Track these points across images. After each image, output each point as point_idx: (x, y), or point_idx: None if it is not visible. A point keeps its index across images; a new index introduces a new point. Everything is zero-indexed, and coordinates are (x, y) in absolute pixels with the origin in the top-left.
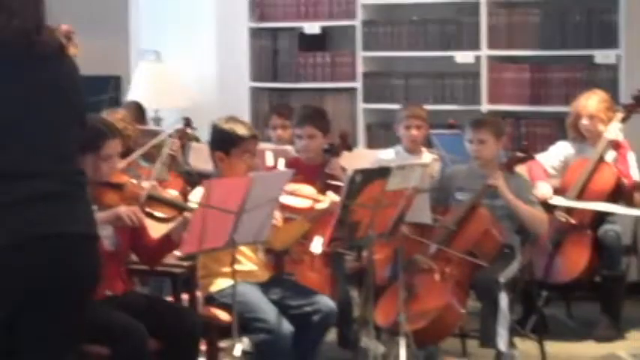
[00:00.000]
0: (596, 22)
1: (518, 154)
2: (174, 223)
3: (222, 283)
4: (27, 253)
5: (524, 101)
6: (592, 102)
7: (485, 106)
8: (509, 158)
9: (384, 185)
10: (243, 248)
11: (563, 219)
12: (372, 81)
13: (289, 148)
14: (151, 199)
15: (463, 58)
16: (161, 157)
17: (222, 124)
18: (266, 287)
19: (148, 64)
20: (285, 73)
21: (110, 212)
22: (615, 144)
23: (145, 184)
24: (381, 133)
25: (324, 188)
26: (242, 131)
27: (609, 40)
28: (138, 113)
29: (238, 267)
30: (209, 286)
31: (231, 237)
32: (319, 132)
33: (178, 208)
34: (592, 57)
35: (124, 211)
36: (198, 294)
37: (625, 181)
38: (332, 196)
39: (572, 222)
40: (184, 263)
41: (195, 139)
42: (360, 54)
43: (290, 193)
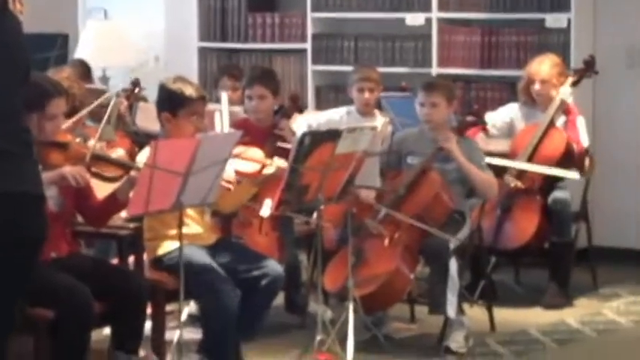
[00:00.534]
0: None
1: (469, 117)
2: (120, 182)
3: (168, 246)
4: None
5: (474, 65)
6: (545, 66)
7: (435, 69)
8: (460, 122)
9: (333, 148)
10: (189, 211)
11: (512, 184)
12: (321, 42)
13: (238, 109)
14: (96, 158)
15: (413, 20)
16: (107, 116)
17: (169, 84)
18: (213, 251)
19: (95, 22)
20: (234, 33)
21: (55, 172)
22: (565, 109)
23: (91, 143)
24: (331, 95)
25: (273, 150)
26: (190, 92)
27: (560, 3)
28: (84, 72)
29: (185, 230)
30: (156, 248)
31: (178, 199)
32: (269, 92)
33: (124, 167)
34: (543, 20)
35: (69, 171)
36: (145, 257)
37: (575, 146)
38: (279, 161)
39: (522, 187)
40: (130, 225)
41: (143, 99)
42: (309, 15)
43: (237, 156)
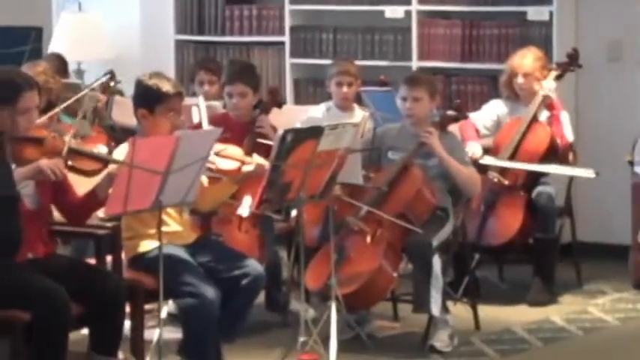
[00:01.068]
0: None
1: (452, 112)
2: (99, 177)
3: (147, 245)
4: None
5: (455, 58)
6: (527, 60)
7: (415, 63)
8: (442, 117)
9: (315, 145)
10: (168, 209)
11: (496, 180)
12: (299, 35)
13: (216, 104)
14: (73, 152)
15: (393, 12)
16: (82, 111)
17: (146, 79)
18: (193, 250)
19: (69, 15)
20: (211, 26)
21: (31, 166)
22: (549, 104)
23: (67, 138)
24: (309, 88)
25: (253, 146)
26: (167, 88)
27: None
28: (60, 66)
29: (164, 228)
30: (134, 247)
31: (158, 198)
32: (250, 89)
33: (103, 160)
34: (525, 13)
35: (46, 163)
36: (123, 256)
37: (559, 141)
38: (258, 159)
39: (506, 183)
40: (108, 224)
41: (119, 93)
42: (287, 7)
43: (216, 154)
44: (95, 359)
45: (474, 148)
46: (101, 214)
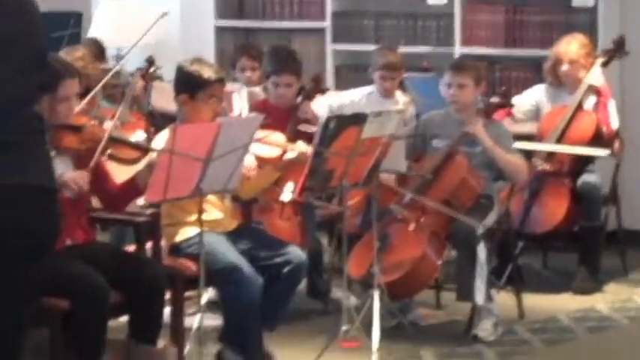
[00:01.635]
0: None
1: (496, 99)
2: (139, 165)
3: (187, 232)
4: None
5: (499, 44)
6: (573, 47)
7: (458, 49)
8: (487, 104)
9: (359, 132)
10: (209, 196)
11: (540, 167)
12: (341, 21)
13: (257, 89)
14: (113, 140)
15: None
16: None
17: (187, 65)
18: (234, 237)
19: (108, 1)
20: (251, 11)
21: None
22: (596, 90)
23: (108, 125)
24: (351, 74)
25: (295, 133)
26: (208, 74)
27: None
28: (98, 51)
29: (205, 215)
30: (174, 235)
31: (198, 186)
32: (296, 79)
33: (142, 149)
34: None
35: (70, 177)
36: (163, 243)
37: (604, 129)
38: (302, 146)
39: (550, 170)
40: (147, 211)
41: (159, 78)
42: None
43: (258, 141)
44: (135, 347)
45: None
46: (141, 201)
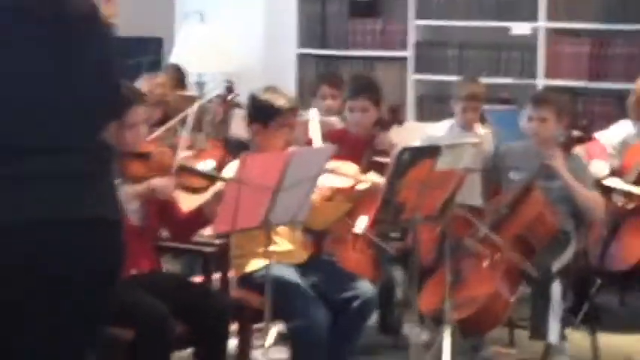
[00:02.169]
0: None
1: (577, 133)
2: (206, 194)
3: (256, 264)
4: (39, 235)
5: (582, 77)
6: None
7: (541, 81)
8: (567, 138)
9: (432, 165)
10: (279, 227)
11: (620, 203)
12: (424, 51)
13: (335, 119)
14: (181, 169)
15: (519, 29)
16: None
17: (260, 94)
18: (304, 270)
19: (191, 26)
20: (334, 39)
21: (143, 185)
22: None
23: (184, 153)
24: (432, 105)
25: (370, 164)
26: (281, 103)
27: None
28: (178, 77)
29: (274, 247)
30: (243, 266)
31: (267, 216)
32: (373, 105)
33: (210, 178)
34: None
35: (159, 183)
36: (231, 274)
37: None
38: (374, 177)
39: (631, 206)
40: (216, 241)
41: (237, 106)
42: (412, 22)
43: (330, 172)
44: None
45: (599, 167)
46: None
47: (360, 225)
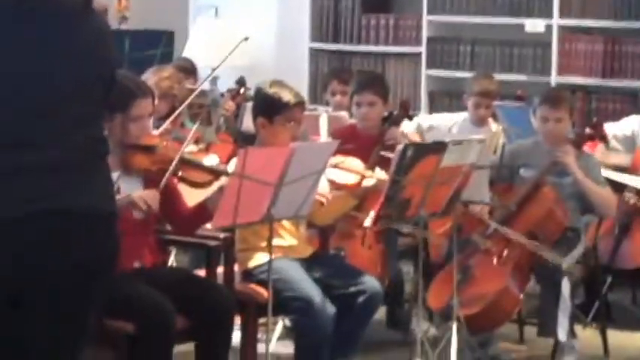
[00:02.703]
0: None
1: (589, 131)
2: (210, 189)
3: (261, 258)
4: (28, 228)
5: (596, 74)
6: None
7: (554, 78)
8: (577, 135)
9: (438, 161)
10: (284, 222)
11: (632, 201)
12: (437, 46)
13: (344, 114)
14: (184, 162)
15: (533, 26)
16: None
17: (266, 88)
18: (309, 264)
19: (205, 20)
20: (346, 34)
21: (123, 198)
22: None
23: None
24: (445, 100)
25: (379, 160)
26: (287, 97)
27: None
28: (189, 70)
29: (278, 241)
30: (247, 260)
31: (269, 211)
32: (379, 99)
33: (214, 173)
34: None
35: (139, 196)
36: (235, 268)
37: None
38: (379, 173)
39: None
40: (220, 235)
41: (249, 100)
42: (425, 17)
43: (335, 167)
44: None
45: None
46: (209, 226)
47: (369, 219)
